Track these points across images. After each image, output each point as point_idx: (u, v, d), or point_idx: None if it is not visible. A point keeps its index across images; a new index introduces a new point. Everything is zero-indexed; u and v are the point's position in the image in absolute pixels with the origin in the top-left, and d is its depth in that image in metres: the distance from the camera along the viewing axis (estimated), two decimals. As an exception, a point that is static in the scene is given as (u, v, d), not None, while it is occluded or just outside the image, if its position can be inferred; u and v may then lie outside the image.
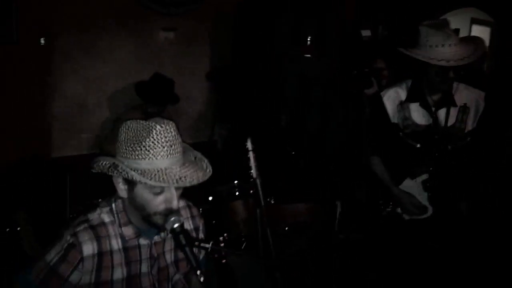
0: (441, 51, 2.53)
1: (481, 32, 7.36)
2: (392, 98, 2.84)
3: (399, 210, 2.92)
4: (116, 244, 1.74)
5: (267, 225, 3.04)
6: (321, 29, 4.64)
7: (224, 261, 3.13)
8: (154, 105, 4.12)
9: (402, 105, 2.79)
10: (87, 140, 4.59)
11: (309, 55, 4.50)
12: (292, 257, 3.09)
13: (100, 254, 1.70)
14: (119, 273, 1.74)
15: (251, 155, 3.18)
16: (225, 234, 3.23)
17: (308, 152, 4.05)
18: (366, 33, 4.57)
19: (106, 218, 1.75)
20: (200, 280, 1.64)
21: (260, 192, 3.17)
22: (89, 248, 1.67)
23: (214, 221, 3.52)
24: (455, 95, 2.75)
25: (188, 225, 1.96)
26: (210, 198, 3.48)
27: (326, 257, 3.24)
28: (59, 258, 1.65)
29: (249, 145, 3.19)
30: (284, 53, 4.53)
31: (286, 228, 3.20)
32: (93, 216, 1.74)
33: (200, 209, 3.27)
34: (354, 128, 3.85)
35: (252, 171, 3.18)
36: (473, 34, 7.46)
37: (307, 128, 4.42)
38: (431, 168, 2.79)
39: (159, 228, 1.74)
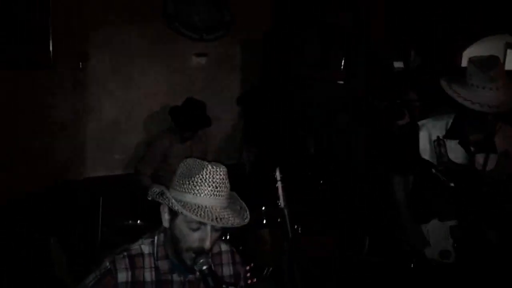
0: (480, 93, 2.40)
1: (516, 56, 7.23)
2: (429, 131, 2.70)
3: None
4: (149, 276, 1.80)
5: (294, 258, 3.04)
6: (349, 54, 4.64)
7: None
8: (189, 129, 4.19)
9: (439, 141, 2.65)
10: (119, 161, 4.68)
11: (341, 81, 4.50)
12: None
13: (134, 283, 1.76)
14: None
15: (279, 184, 3.20)
16: (252, 264, 3.23)
17: (334, 180, 4.02)
18: (398, 64, 4.54)
19: (146, 250, 1.82)
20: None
21: (288, 224, 3.19)
22: (123, 276, 1.75)
23: (240, 248, 3.54)
24: (497, 138, 2.60)
25: (229, 271, 2.00)
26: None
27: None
28: (95, 282, 1.74)
29: (277, 174, 3.20)
30: (313, 77, 4.54)
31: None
32: (134, 246, 1.82)
33: (228, 236, 3.34)
34: (378, 157, 3.80)
35: (280, 201, 3.19)
36: (508, 58, 7.34)
37: (334, 155, 4.40)
38: (461, 215, 2.65)
39: (187, 268, 1.78)
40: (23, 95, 3.84)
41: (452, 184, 2.65)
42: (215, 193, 1.70)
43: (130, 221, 3.84)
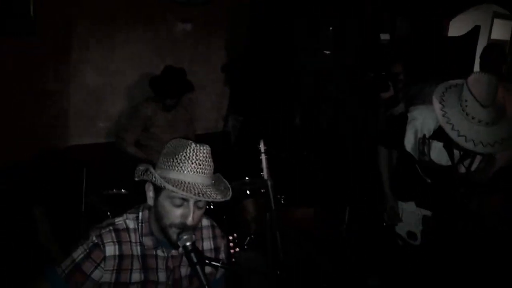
0: (475, 127, 2.22)
1: (503, 26, 7.23)
2: (415, 128, 2.62)
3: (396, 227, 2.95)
4: (136, 250, 1.87)
5: (277, 229, 3.11)
6: (340, 24, 4.59)
7: (233, 260, 3.21)
8: (171, 98, 4.17)
9: (424, 140, 2.57)
10: (103, 129, 4.65)
11: (328, 52, 4.47)
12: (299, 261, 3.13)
13: (121, 257, 1.83)
14: (137, 277, 1.86)
15: (263, 157, 3.23)
16: (235, 234, 3.29)
17: (319, 151, 4.05)
18: (385, 36, 4.51)
19: (131, 225, 1.89)
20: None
21: (271, 195, 3.23)
22: (111, 249, 1.81)
23: (224, 217, 3.59)
24: None
25: (209, 245, 2.08)
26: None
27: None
28: (84, 256, 1.79)
29: (261, 147, 3.22)
30: (301, 47, 4.50)
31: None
32: (119, 221, 1.88)
33: (212, 206, 3.39)
34: (366, 129, 3.83)
35: (263, 173, 3.23)
36: (495, 28, 7.34)
37: (319, 125, 4.42)
38: (436, 208, 2.73)
39: (172, 243, 1.83)
40: (5, 63, 3.76)
41: (428, 181, 2.72)
42: (198, 170, 1.76)
43: (115, 190, 3.87)
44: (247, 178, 3.81)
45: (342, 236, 3.17)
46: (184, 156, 1.76)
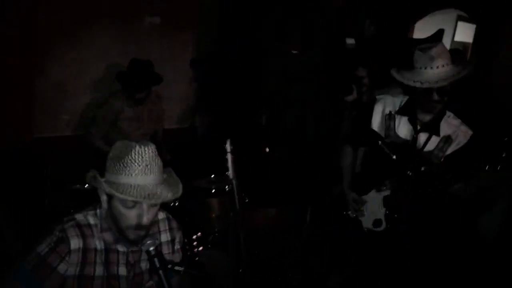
0: (423, 73, 2.58)
1: (466, 28, 7.43)
2: (384, 104, 2.88)
3: (361, 217, 3.05)
4: (99, 244, 1.90)
5: (240, 228, 3.16)
6: (307, 25, 4.64)
7: (197, 259, 3.24)
8: (137, 90, 4.11)
9: (390, 115, 2.84)
10: (68, 122, 4.59)
11: (295, 51, 4.51)
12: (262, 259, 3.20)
13: (85, 250, 1.85)
14: (100, 271, 1.89)
15: (229, 156, 3.26)
16: (199, 234, 3.32)
17: (284, 151, 4.12)
18: (350, 41, 4.59)
19: (92, 220, 1.91)
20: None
21: (236, 195, 3.27)
22: (75, 243, 1.83)
23: (188, 216, 3.61)
24: (443, 124, 2.77)
25: (166, 237, 2.12)
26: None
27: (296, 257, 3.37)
28: (49, 249, 1.81)
29: (227, 146, 3.26)
30: (269, 47, 4.53)
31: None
32: (80, 217, 1.90)
33: (177, 203, 3.41)
34: (330, 130, 3.91)
35: (229, 172, 3.27)
36: (458, 30, 7.54)
37: (285, 125, 4.47)
38: (395, 187, 2.87)
39: (131, 242, 1.88)
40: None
41: (394, 157, 2.84)
42: (145, 171, 1.78)
43: (79, 185, 3.82)
44: (212, 176, 3.85)
45: (304, 235, 3.24)
46: (130, 159, 1.76)
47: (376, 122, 2.89)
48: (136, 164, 1.76)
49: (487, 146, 2.99)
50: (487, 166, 2.52)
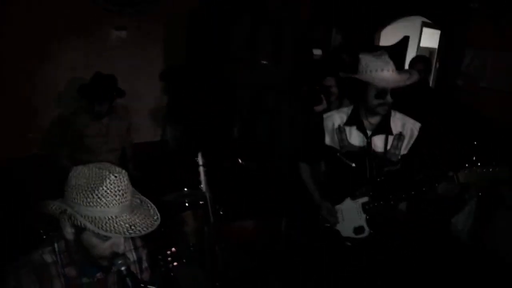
0: (380, 75, 2.70)
1: (431, 34, 7.60)
2: (332, 121, 2.97)
3: (337, 226, 3.06)
4: (59, 283, 1.77)
5: (215, 241, 3.13)
6: (276, 35, 4.67)
7: (172, 274, 3.18)
8: (100, 104, 4.00)
9: (340, 128, 2.93)
10: (34, 140, 4.49)
11: (265, 62, 4.53)
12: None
13: None
14: None
15: (201, 170, 3.23)
16: (173, 249, 3.27)
17: (257, 162, 4.11)
18: (317, 51, 4.65)
19: (49, 259, 1.77)
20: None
21: (210, 208, 3.25)
22: None
23: (162, 230, 3.55)
24: (392, 123, 2.89)
25: (132, 256, 2.01)
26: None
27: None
28: None
29: (199, 159, 3.23)
30: (239, 59, 4.53)
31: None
32: (35, 257, 1.76)
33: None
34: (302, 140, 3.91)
35: (202, 185, 3.24)
36: (424, 36, 7.72)
37: (257, 137, 4.47)
38: (371, 193, 2.92)
39: (104, 270, 1.79)
40: None
41: (353, 165, 2.91)
42: (122, 200, 1.68)
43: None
44: (185, 189, 3.80)
45: (280, 246, 3.23)
46: (105, 191, 1.65)
47: (328, 138, 2.97)
48: (112, 195, 1.65)
49: (457, 148, 3.10)
50: (466, 166, 2.62)
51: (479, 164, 2.61)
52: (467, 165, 2.64)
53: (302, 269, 3.30)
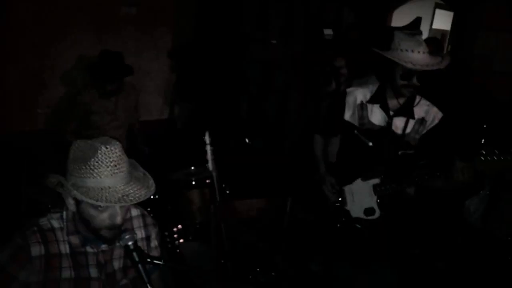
0: (411, 55, 2.62)
1: (444, 16, 7.50)
2: (355, 96, 2.91)
3: (347, 207, 3.05)
4: (64, 248, 1.83)
5: (221, 220, 3.14)
6: (288, 14, 4.61)
7: (178, 251, 3.22)
8: (112, 83, 4.00)
9: (362, 105, 2.88)
10: (42, 115, 4.50)
11: (275, 41, 4.48)
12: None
13: (48, 256, 1.79)
14: (67, 275, 1.83)
15: (208, 148, 3.23)
16: (179, 226, 3.30)
17: (265, 141, 4.10)
18: (328, 31, 4.58)
19: (56, 224, 1.83)
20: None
21: (216, 187, 3.25)
22: (36, 250, 1.76)
23: (169, 207, 3.58)
24: (416, 108, 2.83)
25: (141, 234, 2.04)
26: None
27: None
28: (9, 257, 1.75)
29: (207, 138, 3.23)
30: (248, 37, 4.49)
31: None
32: (43, 221, 1.83)
33: (157, 196, 3.37)
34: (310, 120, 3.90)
35: (208, 164, 3.24)
36: (436, 18, 7.61)
37: (266, 115, 4.45)
38: (382, 175, 2.90)
39: (107, 242, 1.83)
40: None
41: (370, 144, 2.88)
42: (115, 171, 1.71)
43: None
44: (192, 168, 3.82)
45: (284, 225, 3.24)
46: (97, 161, 1.68)
47: (348, 114, 2.92)
48: (104, 165, 1.69)
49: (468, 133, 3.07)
50: (483, 153, 2.57)
51: (496, 151, 2.56)
52: (484, 152, 2.58)
53: (306, 247, 3.33)
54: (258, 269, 3.19)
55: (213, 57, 4.77)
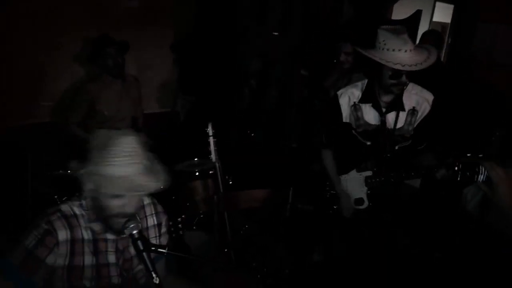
0: (397, 55, 2.59)
1: (444, 9, 7.51)
2: (347, 98, 2.94)
3: None
4: (86, 234, 1.92)
5: (225, 210, 3.20)
6: (286, 6, 4.63)
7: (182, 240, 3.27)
8: (114, 59, 3.96)
9: (356, 106, 2.91)
10: (46, 108, 4.53)
11: (276, 33, 4.50)
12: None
13: (73, 241, 1.87)
14: (89, 260, 1.92)
15: (211, 140, 3.28)
16: (183, 216, 3.35)
17: (265, 133, 4.14)
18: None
19: (77, 211, 1.92)
20: (155, 282, 1.78)
21: (219, 177, 3.31)
22: (63, 234, 1.85)
23: (173, 198, 3.62)
24: (405, 98, 2.85)
25: (152, 221, 2.16)
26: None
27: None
28: (36, 242, 1.81)
29: (209, 130, 3.27)
30: (248, 29, 4.51)
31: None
32: (65, 208, 1.91)
33: (161, 187, 3.40)
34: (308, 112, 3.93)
35: (212, 155, 3.29)
36: (436, 11, 7.62)
37: (265, 107, 4.48)
38: (375, 168, 2.95)
39: (115, 231, 1.90)
40: None
41: (368, 143, 2.93)
42: (128, 161, 1.79)
43: (61, 171, 3.78)
44: (196, 159, 3.87)
45: (286, 215, 3.30)
46: (113, 150, 1.78)
47: (345, 115, 2.96)
48: (118, 154, 1.78)
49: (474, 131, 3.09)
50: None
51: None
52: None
53: (307, 236, 3.39)
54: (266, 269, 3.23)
55: (213, 50, 4.80)
